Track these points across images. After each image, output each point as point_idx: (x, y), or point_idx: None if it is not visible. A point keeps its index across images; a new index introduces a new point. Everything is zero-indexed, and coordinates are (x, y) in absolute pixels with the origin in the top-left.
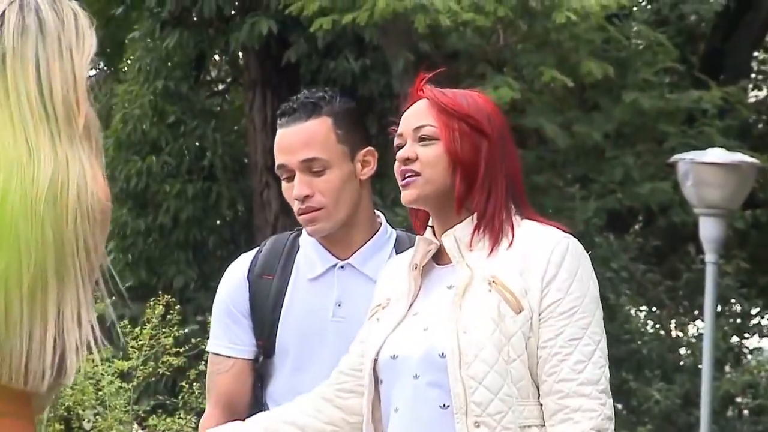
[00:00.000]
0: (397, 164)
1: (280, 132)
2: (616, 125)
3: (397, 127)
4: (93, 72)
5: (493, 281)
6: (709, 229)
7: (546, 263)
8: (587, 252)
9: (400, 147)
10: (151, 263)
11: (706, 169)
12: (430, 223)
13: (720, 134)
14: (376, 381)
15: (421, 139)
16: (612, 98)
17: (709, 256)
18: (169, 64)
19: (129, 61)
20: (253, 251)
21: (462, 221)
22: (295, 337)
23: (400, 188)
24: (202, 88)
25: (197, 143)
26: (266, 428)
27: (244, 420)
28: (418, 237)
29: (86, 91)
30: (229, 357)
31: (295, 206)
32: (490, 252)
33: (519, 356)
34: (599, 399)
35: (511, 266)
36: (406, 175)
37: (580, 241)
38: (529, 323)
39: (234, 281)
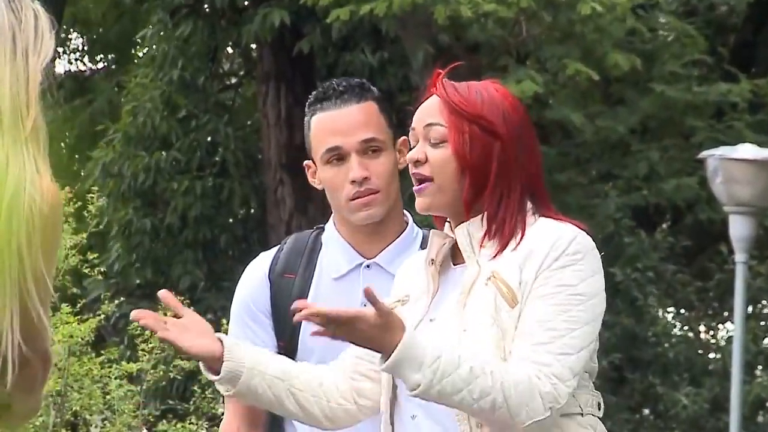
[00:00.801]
0: (409, 165)
1: (327, 114)
2: (641, 118)
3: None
4: (101, 65)
5: (492, 276)
6: (739, 228)
7: (545, 255)
8: (614, 252)
9: (414, 144)
10: (158, 263)
11: (736, 166)
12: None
13: (750, 129)
14: (393, 382)
15: (431, 139)
16: (638, 91)
17: (739, 256)
18: (183, 55)
19: (142, 54)
20: (274, 249)
21: (452, 211)
22: (319, 340)
23: (415, 194)
24: (214, 82)
25: (209, 138)
26: (285, 370)
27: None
28: (432, 231)
29: (39, 93)
30: None
31: (349, 190)
32: (497, 253)
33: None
34: (549, 378)
35: (514, 262)
36: (418, 179)
37: (608, 241)
38: (518, 315)
39: (254, 280)
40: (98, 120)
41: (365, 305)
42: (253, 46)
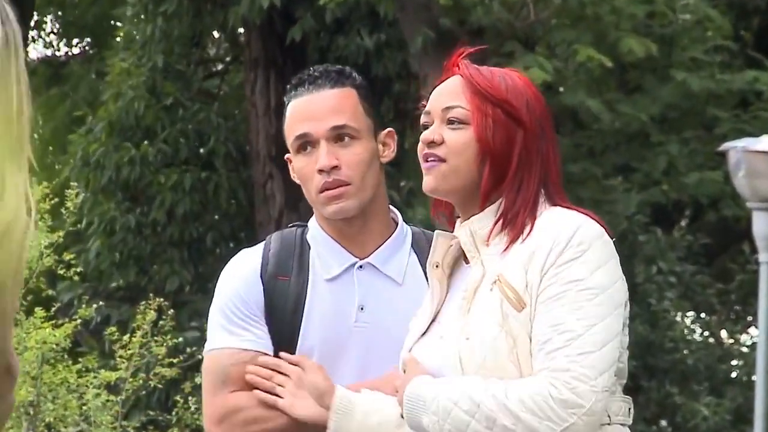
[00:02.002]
0: (420, 145)
1: (300, 100)
2: (661, 108)
3: (426, 102)
4: (77, 50)
5: (498, 279)
6: (763, 225)
7: (548, 251)
8: (629, 252)
9: (426, 126)
10: (142, 262)
11: (759, 158)
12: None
13: None
14: None
15: (450, 121)
16: (657, 79)
17: (764, 255)
18: (166, 38)
19: (120, 36)
20: (257, 249)
21: (480, 212)
22: (317, 344)
23: (423, 172)
24: (199, 68)
25: (195, 128)
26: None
27: None
28: (436, 232)
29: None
30: (248, 350)
31: (318, 181)
32: (506, 248)
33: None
34: (566, 384)
35: (519, 260)
36: (429, 159)
37: (622, 240)
38: (529, 319)
39: (245, 279)
40: (81, 109)
41: (362, 308)
42: (241, 30)
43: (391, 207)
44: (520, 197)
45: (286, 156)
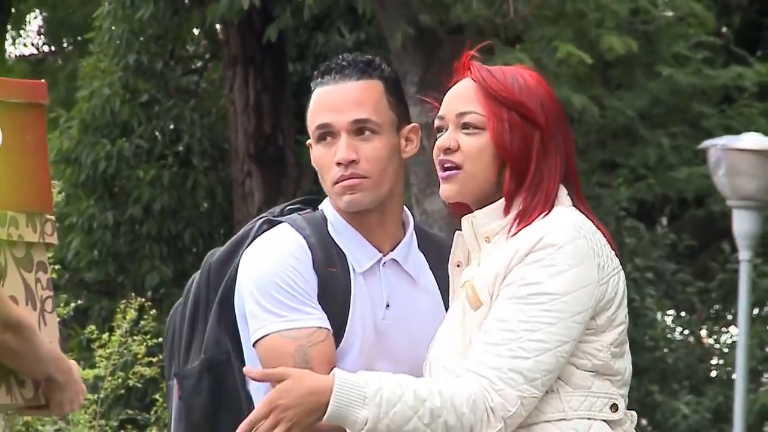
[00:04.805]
0: (436, 152)
1: (325, 89)
2: (647, 104)
3: (439, 105)
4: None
5: (467, 280)
6: (743, 224)
7: (514, 252)
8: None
9: (440, 129)
10: (120, 259)
11: (740, 156)
12: None
13: (763, 116)
14: None
15: (465, 126)
16: (640, 75)
17: (744, 254)
18: (141, 38)
19: (96, 34)
20: (292, 233)
21: (484, 207)
22: (358, 338)
23: (440, 180)
24: (178, 65)
25: (172, 125)
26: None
27: None
28: (456, 233)
29: None
30: (321, 327)
31: (335, 173)
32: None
33: None
34: (494, 385)
35: (491, 262)
36: (446, 166)
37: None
38: (484, 318)
39: (298, 261)
40: (54, 110)
41: (388, 306)
42: (219, 27)
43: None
44: (538, 196)
45: (308, 141)
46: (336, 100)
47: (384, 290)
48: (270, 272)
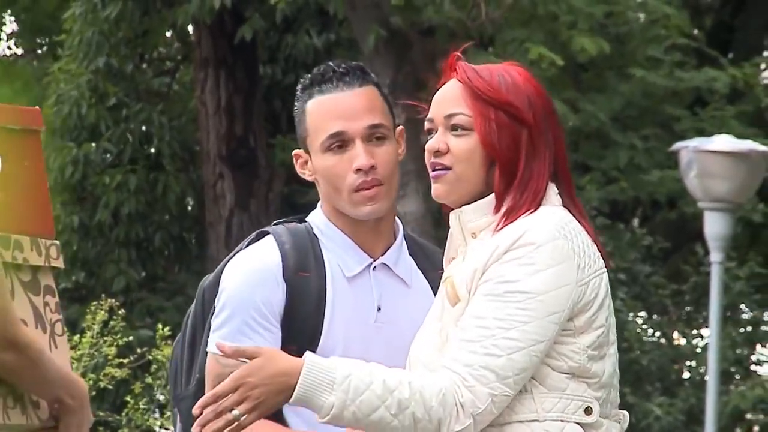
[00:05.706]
0: (426, 154)
1: (327, 97)
2: (619, 107)
3: (428, 107)
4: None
5: (449, 275)
6: (715, 226)
7: (494, 249)
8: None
9: (430, 132)
10: (89, 264)
11: (711, 158)
12: None
13: (735, 119)
14: None
15: (454, 128)
16: (612, 78)
17: (715, 256)
18: (111, 40)
19: (66, 36)
20: (269, 245)
21: (472, 202)
22: (340, 342)
23: (431, 180)
24: (149, 67)
25: (142, 128)
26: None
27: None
28: (450, 231)
29: None
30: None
31: (354, 180)
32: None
33: None
34: (465, 381)
35: (473, 258)
36: (436, 168)
37: None
38: (461, 314)
39: (266, 280)
40: None
41: (380, 310)
42: (191, 28)
43: None
44: (526, 194)
45: (295, 152)
46: (346, 106)
47: (375, 293)
48: (232, 291)
